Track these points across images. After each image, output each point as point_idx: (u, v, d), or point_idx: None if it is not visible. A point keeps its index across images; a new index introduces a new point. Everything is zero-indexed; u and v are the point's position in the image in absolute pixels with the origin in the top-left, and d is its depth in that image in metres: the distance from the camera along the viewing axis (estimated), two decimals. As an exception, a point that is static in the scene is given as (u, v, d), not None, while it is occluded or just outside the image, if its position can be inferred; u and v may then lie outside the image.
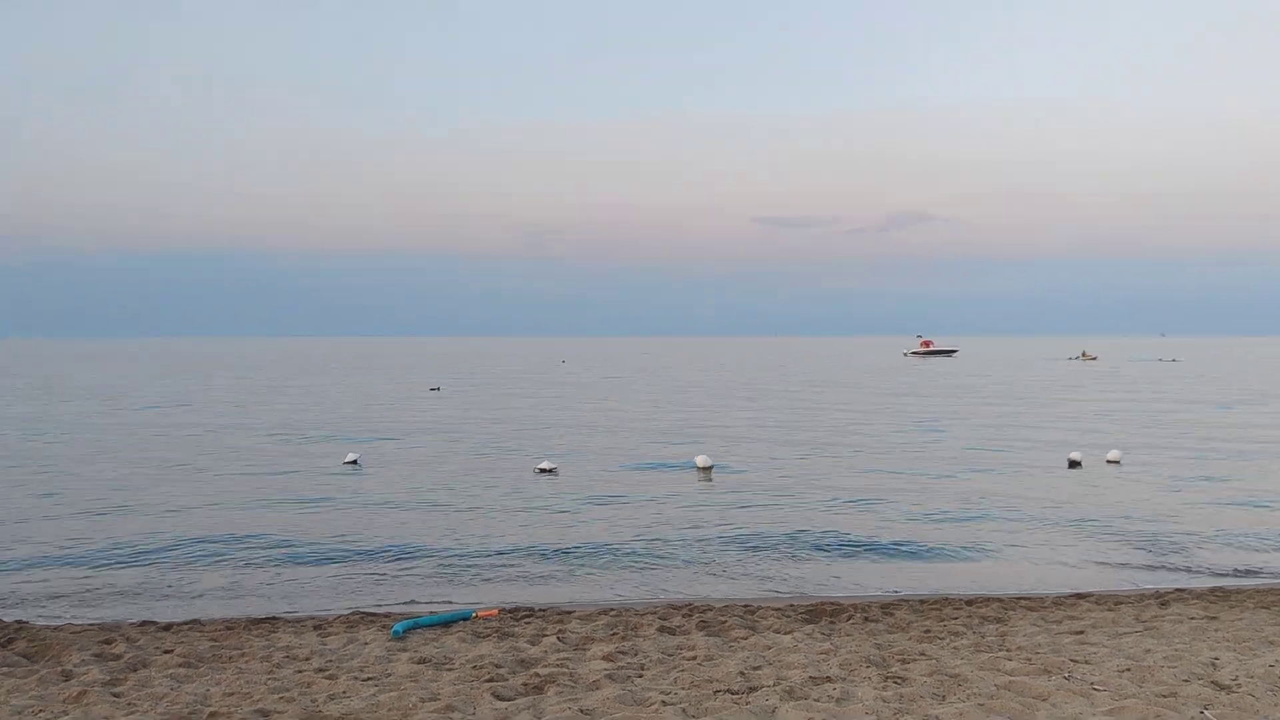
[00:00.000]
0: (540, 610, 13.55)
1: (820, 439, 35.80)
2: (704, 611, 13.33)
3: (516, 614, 13.30)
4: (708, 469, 27.52)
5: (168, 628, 12.88)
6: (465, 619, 13.00)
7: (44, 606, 14.46)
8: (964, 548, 18.13)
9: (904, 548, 18.09)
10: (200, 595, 15.01)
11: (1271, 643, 11.25)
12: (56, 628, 12.93)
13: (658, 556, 17.40)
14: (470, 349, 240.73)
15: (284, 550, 17.73)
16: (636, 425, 41.59)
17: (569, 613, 13.34)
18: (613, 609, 13.63)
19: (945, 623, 12.62)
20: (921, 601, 14.03)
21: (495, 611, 13.35)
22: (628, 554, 17.61)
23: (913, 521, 20.36)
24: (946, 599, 14.20)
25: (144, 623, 13.20)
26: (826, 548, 18.08)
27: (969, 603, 13.93)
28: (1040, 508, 21.94)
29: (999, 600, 14.10)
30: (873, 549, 18.02)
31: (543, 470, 27.40)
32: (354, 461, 28.73)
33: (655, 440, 35.53)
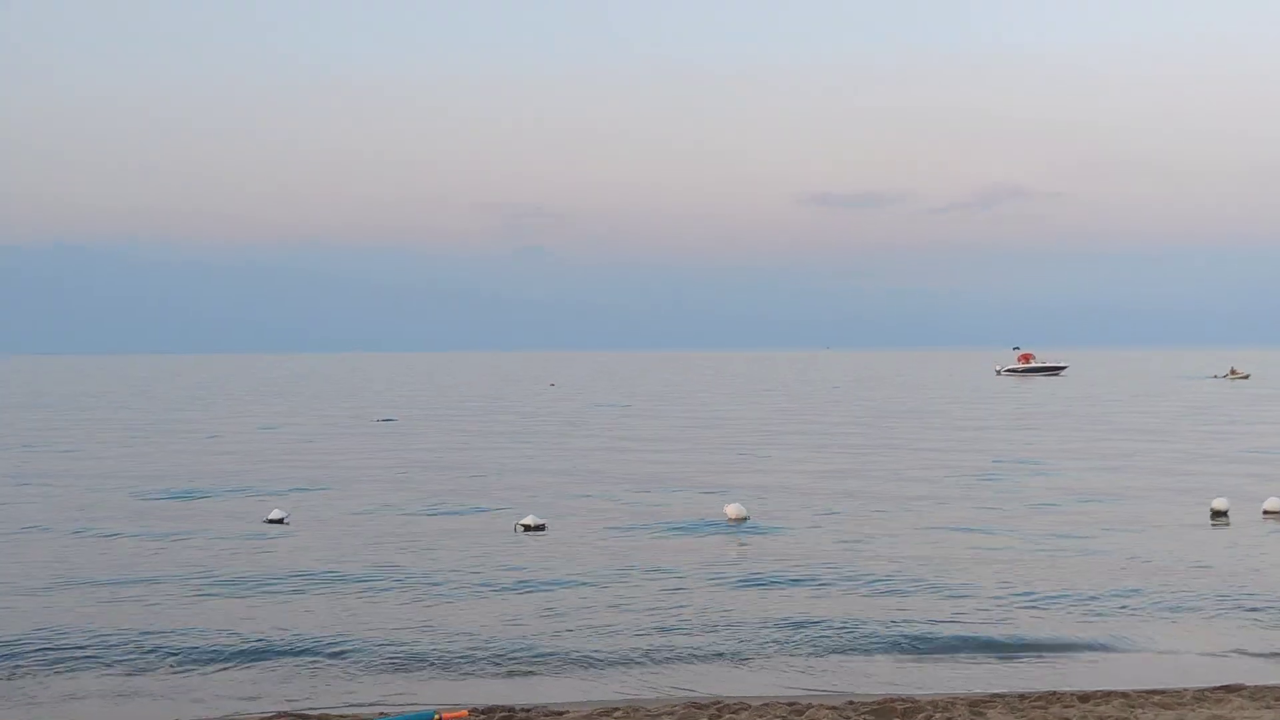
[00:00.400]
0: (523, 710, 13.57)
1: (885, 486, 35.79)
2: (737, 711, 13.34)
3: (492, 715, 13.32)
4: (740, 520, 27.59)
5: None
6: (425, 722, 13.01)
7: None
8: (1076, 626, 18.07)
9: (996, 625, 18.04)
10: (81, 698, 14.98)
11: None
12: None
13: (675, 639, 17.38)
14: (431, 368, 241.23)
15: (191, 636, 17.73)
16: (646, 468, 41.63)
17: (560, 713, 13.36)
18: (617, 709, 13.65)
19: (1052, 725, 12.59)
20: (1021, 697, 14.01)
21: (464, 713, 13.34)
22: (636, 636, 17.59)
23: (1006, 590, 20.32)
24: (1055, 694, 14.18)
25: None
26: (895, 625, 18.04)
27: (1084, 699, 13.90)
28: (1175, 574, 21.87)
29: (1123, 695, 14.07)
30: (956, 627, 17.97)
31: (526, 527, 27.44)
32: (280, 520, 28.83)
33: (670, 488, 35.56)
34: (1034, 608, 19.11)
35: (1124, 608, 19.19)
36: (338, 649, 16.88)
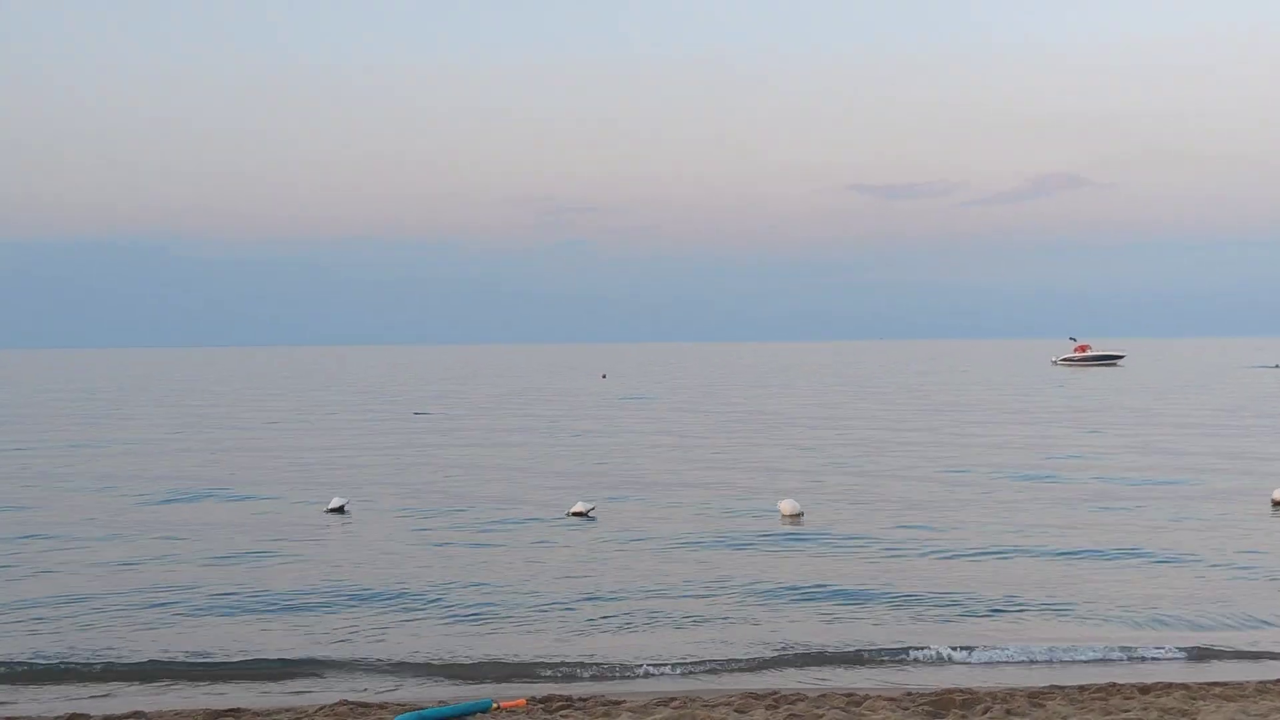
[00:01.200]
0: (580, 700, 13.75)
1: (941, 483, 35.74)
2: (794, 702, 13.46)
3: (550, 704, 13.52)
4: (795, 517, 27.63)
5: (104, 722, 13.27)
6: (483, 711, 13.24)
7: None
8: (1133, 628, 18.03)
9: (1053, 626, 18.05)
10: (143, 678, 15.41)
11: None
12: (-36, 723, 13.38)
13: (731, 629, 17.55)
14: (471, 360, 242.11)
15: (252, 624, 18.12)
16: (699, 458, 41.73)
17: (617, 703, 13.53)
18: (674, 699, 13.80)
19: (1112, 717, 12.65)
20: (1081, 689, 14.05)
21: (522, 702, 13.58)
22: (691, 624, 17.78)
23: (1065, 584, 20.33)
24: (1114, 686, 14.21)
25: (72, 716, 13.59)
26: (951, 619, 18.11)
27: (1144, 690, 13.93)
28: (1237, 565, 21.81)
29: (1183, 687, 14.09)
30: (1011, 618, 18.04)
31: (576, 514, 27.73)
32: (339, 509, 29.22)
33: (723, 482, 35.64)
34: (1091, 610, 18.91)
35: (1183, 607, 19.12)
36: (391, 646, 17.15)
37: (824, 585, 20.43)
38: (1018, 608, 18.76)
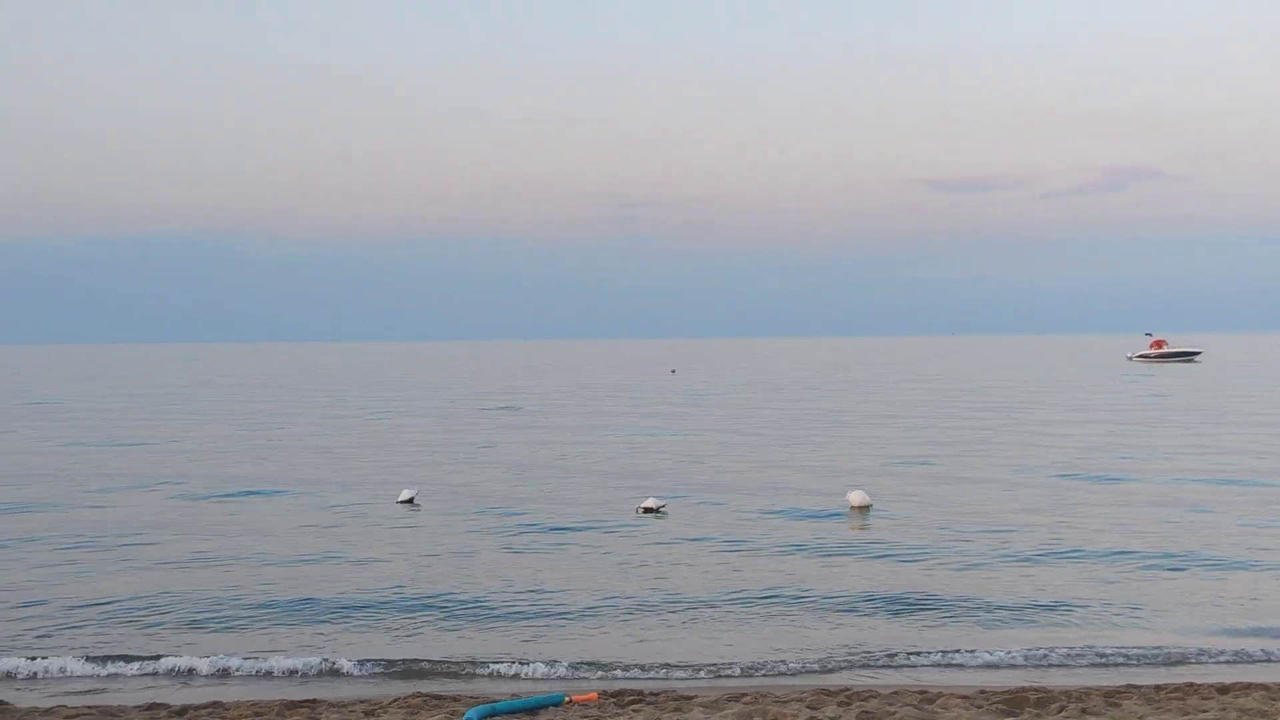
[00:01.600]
0: (651, 695, 13.85)
1: (1012, 484, 35.50)
2: (866, 699, 13.48)
3: (621, 699, 13.63)
4: (863, 509, 27.62)
5: (182, 712, 13.55)
6: (555, 704, 13.39)
7: (32, 683, 15.35)
8: (1209, 619, 17.88)
9: (1129, 614, 17.94)
10: (220, 672, 15.74)
11: None
12: (46, 710, 13.71)
13: (800, 628, 17.59)
14: (539, 356, 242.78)
15: (325, 615, 18.44)
16: (768, 456, 41.70)
17: (689, 698, 13.62)
18: (746, 695, 13.86)
19: (1190, 717, 12.56)
20: (1157, 689, 13.96)
21: (593, 695, 13.71)
22: (760, 621, 17.85)
23: (1138, 586, 20.16)
24: (1192, 686, 14.10)
25: (152, 705, 13.90)
26: (1023, 614, 18.03)
27: (1222, 690, 13.81)
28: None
29: (1263, 687, 13.94)
30: (1085, 615, 17.92)
31: (646, 510, 27.86)
32: (410, 500, 29.64)
33: (793, 476, 35.64)
34: (1170, 585, 18.84)
35: (1263, 611, 18.90)
36: (467, 628, 17.38)
37: (892, 586, 20.37)
38: (1088, 608, 18.61)
